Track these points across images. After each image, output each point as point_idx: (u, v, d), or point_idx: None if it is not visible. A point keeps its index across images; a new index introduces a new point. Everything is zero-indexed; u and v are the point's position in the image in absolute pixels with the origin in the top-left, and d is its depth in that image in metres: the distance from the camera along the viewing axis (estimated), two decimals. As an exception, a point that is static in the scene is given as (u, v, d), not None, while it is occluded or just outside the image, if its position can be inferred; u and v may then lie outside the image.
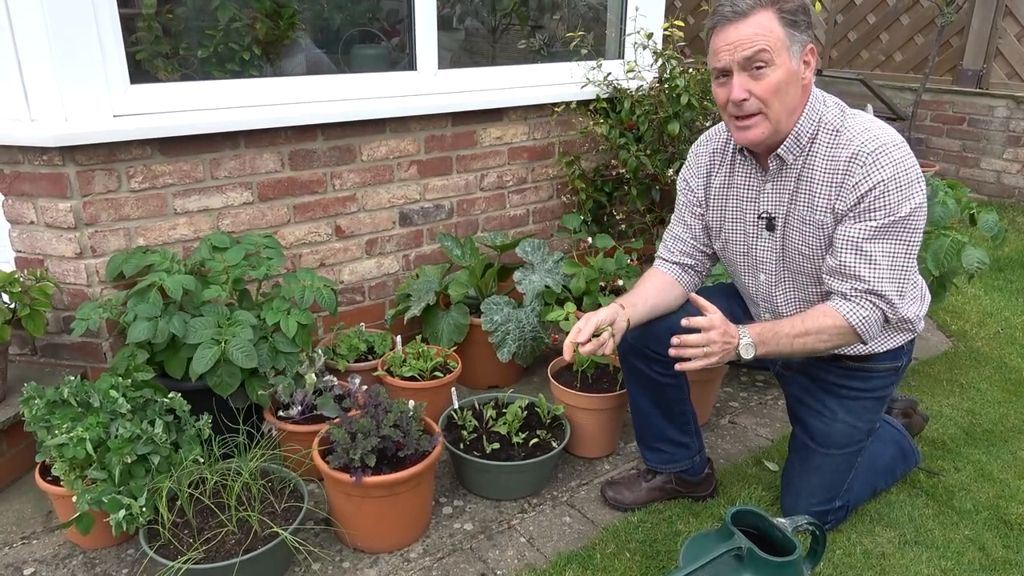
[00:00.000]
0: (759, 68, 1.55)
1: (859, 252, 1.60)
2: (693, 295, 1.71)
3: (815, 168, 1.64)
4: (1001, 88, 5.24)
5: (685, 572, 1.49)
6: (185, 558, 1.63)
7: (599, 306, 2.61)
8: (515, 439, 2.11)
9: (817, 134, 1.63)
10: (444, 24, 2.83)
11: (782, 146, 1.65)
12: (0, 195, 2.15)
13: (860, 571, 1.84)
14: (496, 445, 2.09)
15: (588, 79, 2.99)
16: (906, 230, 1.58)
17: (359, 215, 2.66)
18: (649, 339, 1.85)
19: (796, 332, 1.64)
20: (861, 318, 1.62)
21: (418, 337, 2.56)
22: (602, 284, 2.71)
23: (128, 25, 2.18)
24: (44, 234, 2.15)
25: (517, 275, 2.64)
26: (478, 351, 2.60)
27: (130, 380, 1.93)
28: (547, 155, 3.11)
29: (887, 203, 1.55)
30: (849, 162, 1.58)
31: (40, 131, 2.01)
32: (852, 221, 1.60)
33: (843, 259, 1.62)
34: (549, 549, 1.92)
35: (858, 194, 1.57)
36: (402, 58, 2.88)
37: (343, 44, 2.87)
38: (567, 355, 1.65)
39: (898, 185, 1.54)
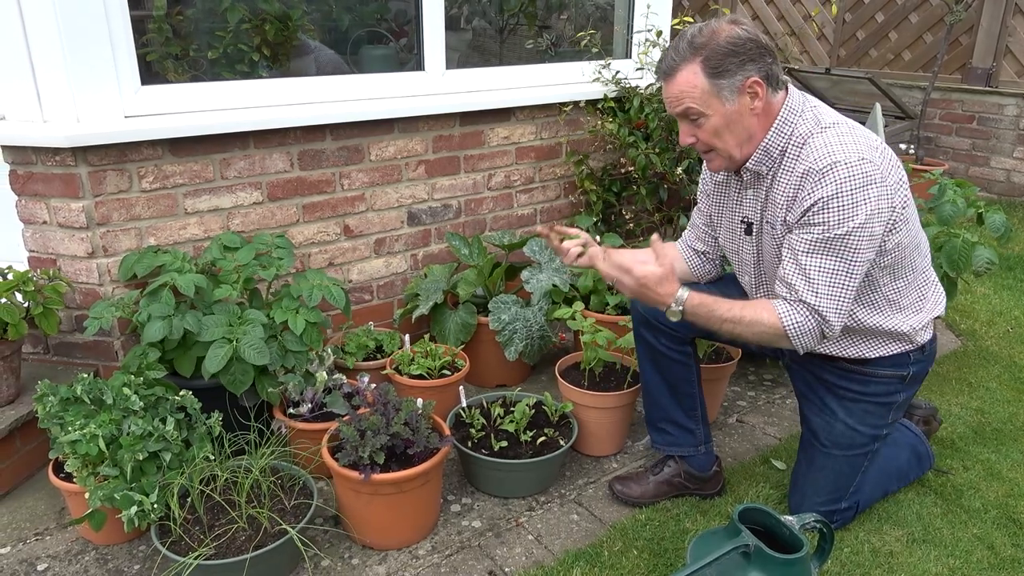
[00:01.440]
0: (694, 119, 1.64)
1: (796, 263, 1.62)
2: (654, 238, 1.75)
3: (780, 180, 1.67)
4: (1011, 86, 5.21)
5: (692, 569, 1.50)
6: (196, 554, 1.65)
7: (607, 305, 2.63)
8: (523, 437, 2.12)
9: (787, 147, 1.66)
10: (452, 24, 2.85)
11: (751, 160, 1.70)
12: (14, 195, 2.17)
13: (868, 569, 1.84)
14: (504, 443, 2.10)
15: (597, 77, 2.99)
16: (844, 248, 1.57)
17: (367, 215, 2.67)
18: (659, 314, 1.90)
19: (730, 316, 1.67)
20: (794, 322, 1.63)
21: (426, 336, 2.57)
22: (609, 283, 2.71)
23: (139, 27, 2.21)
24: (57, 234, 2.17)
25: (525, 274, 2.65)
26: (486, 350, 2.61)
27: (142, 378, 1.95)
28: (555, 155, 3.12)
29: (825, 219, 1.56)
30: (802, 177, 1.60)
31: (53, 132, 2.03)
32: (796, 231, 1.63)
33: (784, 267, 1.65)
34: (557, 547, 1.93)
35: (803, 208, 1.59)
36: (410, 58, 2.89)
37: (351, 45, 2.88)
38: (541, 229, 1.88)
39: (839, 204, 1.54)
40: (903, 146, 5.16)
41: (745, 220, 1.81)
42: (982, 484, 2.16)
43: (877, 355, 1.77)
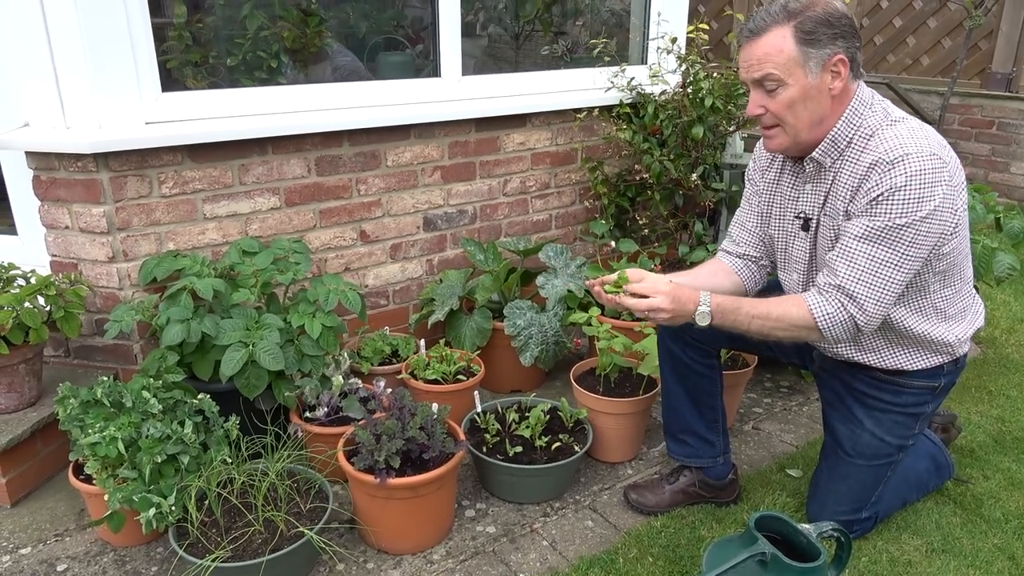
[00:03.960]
0: (770, 88, 1.59)
1: (845, 247, 1.59)
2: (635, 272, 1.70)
3: (844, 171, 1.63)
4: (1031, 91, 5.16)
5: (708, 577, 1.49)
6: (213, 556, 1.66)
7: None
8: (538, 443, 2.12)
9: (853, 138, 1.62)
10: (468, 31, 2.86)
11: (817, 149, 1.65)
12: (37, 200, 2.20)
13: (886, 579, 1.82)
14: (519, 449, 2.10)
15: (612, 84, 2.99)
16: (899, 240, 1.54)
17: (384, 220, 2.69)
18: (687, 326, 1.86)
19: (757, 312, 1.64)
20: (824, 313, 1.60)
21: (441, 341, 2.58)
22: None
23: (159, 34, 2.23)
24: (78, 238, 2.20)
25: (540, 280, 2.66)
26: (500, 355, 2.61)
27: (161, 381, 1.97)
28: (570, 160, 3.13)
29: (889, 209, 1.53)
30: (869, 167, 1.56)
31: (75, 138, 2.06)
32: (853, 219, 1.60)
33: (832, 253, 1.63)
34: (571, 553, 1.93)
35: (869, 198, 1.55)
36: (426, 65, 2.91)
37: (368, 51, 2.90)
38: (594, 289, 1.76)
39: (906, 196, 1.51)
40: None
41: (802, 215, 1.76)
42: (1003, 494, 2.13)
43: (916, 368, 1.74)
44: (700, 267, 2.00)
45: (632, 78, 3.04)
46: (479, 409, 2.24)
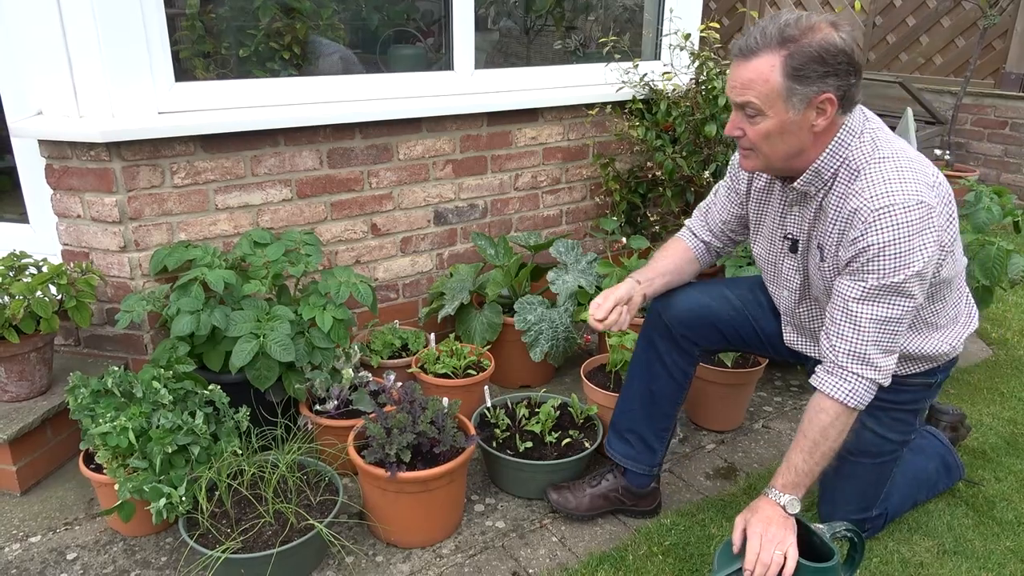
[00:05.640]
0: (750, 114, 1.53)
1: (846, 311, 1.54)
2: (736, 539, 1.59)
3: (831, 205, 1.58)
4: (1045, 92, 5.12)
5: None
6: (224, 547, 1.66)
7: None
8: (548, 439, 2.11)
9: (839, 171, 1.56)
10: (479, 25, 2.84)
11: (800, 179, 1.60)
12: (49, 189, 2.20)
13: (898, 580, 1.81)
14: (529, 444, 2.09)
15: (624, 80, 2.98)
16: (898, 295, 1.50)
17: (395, 213, 2.68)
18: (688, 326, 1.87)
19: (808, 450, 1.59)
20: (848, 393, 1.56)
21: (451, 335, 2.57)
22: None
23: (171, 24, 2.23)
24: (90, 227, 2.20)
25: (551, 275, 2.65)
26: (510, 350, 2.61)
27: (171, 372, 1.97)
28: (581, 156, 3.11)
29: (880, 267, 1.48)
30: (852, 214, 1.51)
31: (88, 127, 2.06)
32: (846, 277, 1.55)
33: (833, 314, 1.58)
34: (581, 549, 1.92)
35: (855, 250, 1.50)
36: (439, 58, 2.90)
37: (381, 44, 2.89)
38: (594, 325, 1.80)
39: (896, 251, 1.46)
40: (938, 152, 5.08)
41: (790, 237, 1.72)
42: (1015, 496, 2.12)
43: (910, 372, 1.73)
44: (662, 259, 1.95)
45: (645, 74, 3.03)
46: (489, 404, 2.24)
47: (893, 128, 4.87)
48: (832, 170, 1.57)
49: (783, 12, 1.50)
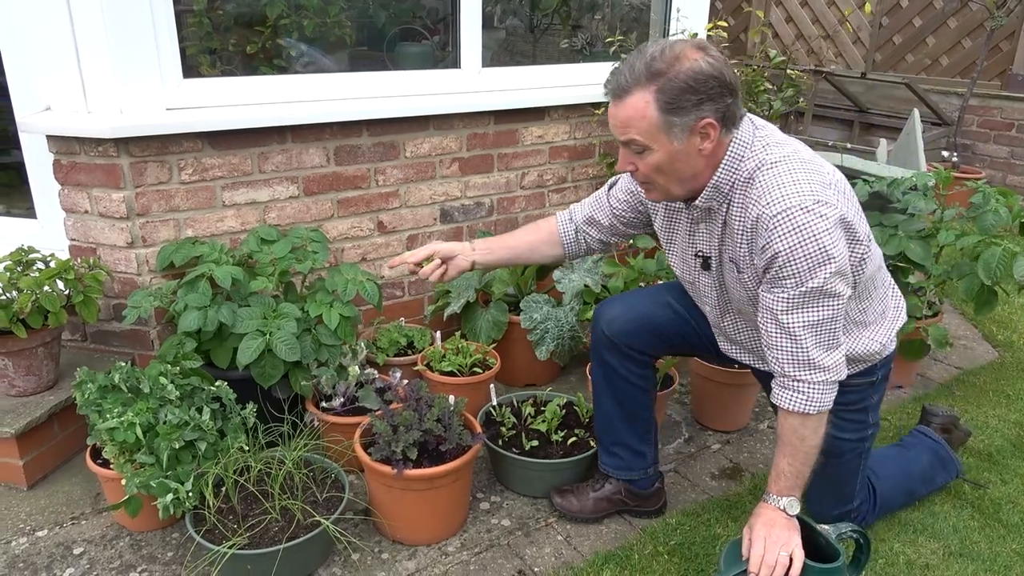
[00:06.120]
0: (637, 151, 1.51)
1: (777, 323, 1.53)
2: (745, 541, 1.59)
3: (735, 217, 1.57)
4: (1052, 94, 5.11)
5: None
6: (230, 543, 1.66)
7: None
8: (554, 437, 2.12)
9: (735, 183, 1.55)
10: (486, 23, 2.84)
11: (700, 197, 1.58)
12: (57, 184, 2.20)
13: (903, 581, 1.81)
14: (535, 443, 2.09)
15: (631, 79, 2.97)
16: (823, 296, 1.47)
17: (401, 211, 2.68)
18: (631, 337, 1.86)
19: (790, 454, 1.59)
20: (804, 403, 1.55)
21: (457, 333, 2.57)
22: (642, 284, 2.70)
23: (179, 21, 2.22)
24: (97, 223, 2.20)
25: (556, 274, 2.65)
26: (516, 348, 2.61)
27: (178, 368, 1.97)
28: (588, 155, 3.11)
29: (794, 272, 1.45)
30: (755, 222, 1.50)
31: (96, 123, 2.06)
32: (767, 287, 1.53)
33: (767, 327, 1.56)
34: (586, 548, 1.92)
35: (765, 258, 1.49)
36: (445, 56, 2.89)
37: (388, 42, 2.89)
38: (392, 262, 1.89)
39: (804, 254, 1.43)
40: (945, 153, 5.07)
41: (700, 254, 1.71)
42: (1021, 498, 2.12)
43: (849, 372, 1.67)
44: (517, 234, 1.98)
45: (652, 73, 3.02)
46: (495, 402, 2.24)
47: (899, 129, 4.87)
48: (730, 183, 1.55)
49: (648, 45, 1.48)
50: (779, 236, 1.44)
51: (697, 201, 1.60)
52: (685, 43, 1.46)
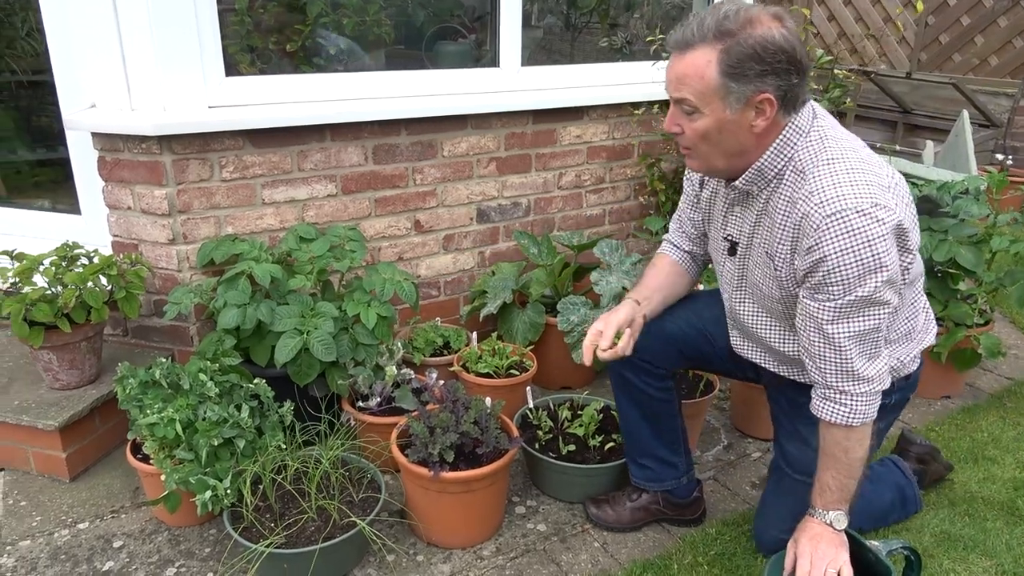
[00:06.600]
0: (687, 111, 1.44)
1: (821, 333, 1.45)
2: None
3: (777, 208, 1.48)
4: (1108, 95, 4.93)
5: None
6: (268, 542, 1.66)
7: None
8: (591, 442, 2.08)
9: (784, 171, 1.47)
10: (523, 21, 2.82)
11: (741, 179, 1.50)
12: (101, 181, 2.23)
13: (953, 600, 1.75)
14: (572, 447, 2.06)
15: (672, 78, 2.92)
16: (871, 305, 1.40)
17: (438, 210, 2.67)
18: (647, 351, 1.79)
19: (834, 467, 1.53)
20: (847, 415, 1.48)
21: (493, 334, 2.55)
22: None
23: (220, 19, 2.23)
24: (140, 219, 2.22)
25: (594, 276, 2.61)
26: (552, 350, 2.58)
27: (217, 364, 1.98)
28: (626, 155, 3.07)
29: (842, 279, 1.37)
30: (802, 219, 1.41)
31: (140, 120, 2.08)
32: (811, 293, 1.45)
33: (809, 336, 1.48)
34: (624, 555, 1.89)
35: (811, 261, 1.40)
36: (484, 55, 2.88)
37: (426, 40, 2.88)
38: (587, 359, 1.66)
39: (856, 260, 1.35)
40: (999, 156, 4.92)
41: (729, 238, 1.64)
42: (1077, 516, 2.03)
43: None
44: (654, 276, 1.87)
45: (693, 72, 2.97)
46: (531, 405, 2.21)
47: (944, 131, 4.73)
48: (776, 169, 1.47)
49: (724, 2, 1.39)
50: (830, 239, 1.36)
51: (737, 182, 1.52)
52: (762, 9, 1.37)
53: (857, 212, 1.35)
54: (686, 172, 1.83)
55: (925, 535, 1.96)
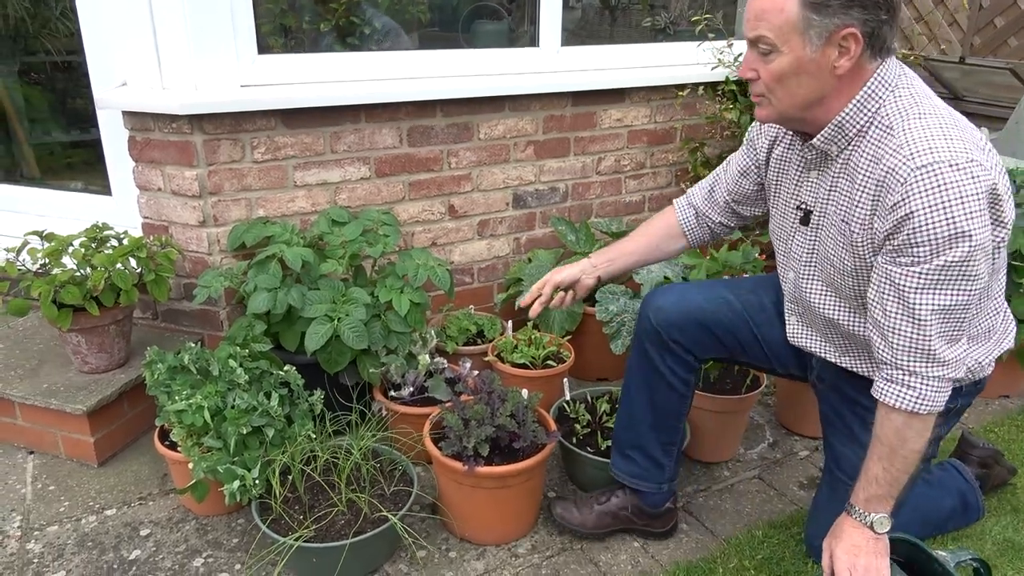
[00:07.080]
0: (764, 51, 1.33)
1: (903, 302, 1.31)
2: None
3: (859, 167, 1.36)
4: None
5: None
6: (297, 535, 1.60)
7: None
8: (631, 437, 1.99)
9: (868, 128, 1.35)
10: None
11: (820, 135, 1.40)
12: (131, 161, 2.18)
13: (1021, 615, 1.64)
14: (610, 442, 1.98)
15: (719, 60, 2.80)
16: (963, 276, 1.26)
17: (473, 195, 2.59)
18: (679, 329, 1.68)
19: (887, 457, 1.39)
20: (915, 401, 1.34)
21: (528, 323, 2.47)
22: (726, 277, 2.54)
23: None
24: (170, 201, 2.17)
25: (634, 264, 2.51)
26: (589, 341, 2.49)
27: (247, 350, 1.93)
28: (668, 140, 2.96)
29: (929, 239, 1.24)
30: (887, 174, 1.29)
31: (171, 99, 2.03)
32: (890, 256, 1.31)
33: (885, 306, 1.34)
34: (665, 557, 1.80)
35: (895, 218, 1.27)
36: (522, 34, 2.78)
37: (463, 20, 2.79)
38: (523, 303, 1.76)
39: (946, 218, 1.22)
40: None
41: (803, 207, 1.51)
42: None
43: None
44: (638, 236, 1.82)
45: (740, 53, 2.84)
46: (568, 397, 2.13)
47: (997, 118, 4.52)
48: (859, 126, 1.36)
49: None
50: (918, 193, 1.23)
51: (815, 140, 1.41)
52: None
53: (951, 166, 1.23)
54: (747, 134, 1.70)
55: (987, 543, 1.84)
